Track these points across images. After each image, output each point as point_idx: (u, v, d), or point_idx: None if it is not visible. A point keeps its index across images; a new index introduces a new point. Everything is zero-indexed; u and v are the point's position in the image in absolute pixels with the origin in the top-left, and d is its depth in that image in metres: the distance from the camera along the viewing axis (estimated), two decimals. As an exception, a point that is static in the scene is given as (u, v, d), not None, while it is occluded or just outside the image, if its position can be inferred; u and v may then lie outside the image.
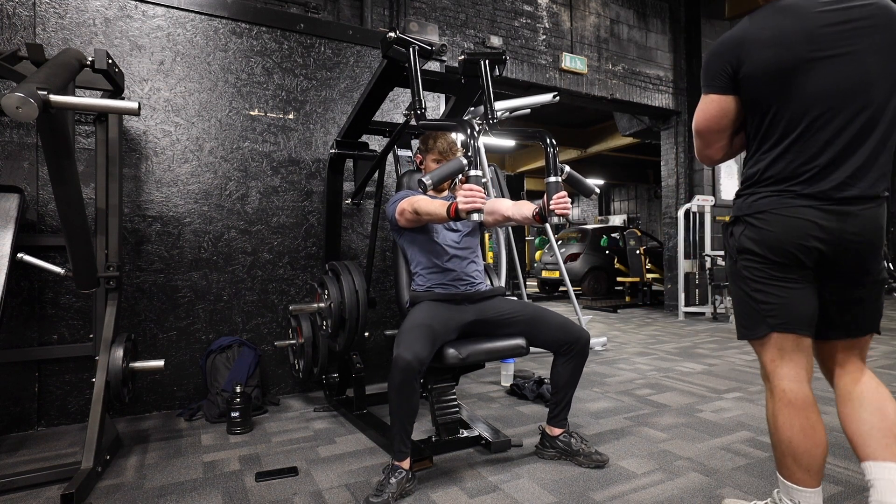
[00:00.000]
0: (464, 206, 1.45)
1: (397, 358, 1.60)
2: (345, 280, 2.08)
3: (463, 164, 1.44)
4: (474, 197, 1.43)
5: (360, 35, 3.14)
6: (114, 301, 2.14)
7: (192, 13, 2.69)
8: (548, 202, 1.57)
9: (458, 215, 1.53)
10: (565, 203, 1.54)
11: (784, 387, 1.25)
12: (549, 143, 1.58)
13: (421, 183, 1.45)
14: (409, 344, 1.63)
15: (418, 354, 1.60)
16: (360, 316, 2.05)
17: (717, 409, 2.51)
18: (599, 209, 17.58)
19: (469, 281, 1.99)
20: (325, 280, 2.17)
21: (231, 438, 2.21)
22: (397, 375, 1.59)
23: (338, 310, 2.06)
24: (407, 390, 1.60)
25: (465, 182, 1.45)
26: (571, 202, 1.60)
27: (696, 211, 6.13)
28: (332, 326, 2.12)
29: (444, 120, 1.66)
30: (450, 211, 1.57)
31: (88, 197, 2.35)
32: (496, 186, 3.73)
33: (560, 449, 1.91)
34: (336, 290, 2.09)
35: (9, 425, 2.28)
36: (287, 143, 2.93)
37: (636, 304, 7.59)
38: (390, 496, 1.57)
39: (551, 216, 1.57)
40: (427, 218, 1.75)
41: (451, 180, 1.63)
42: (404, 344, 1.63)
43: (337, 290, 2.09)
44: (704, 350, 4.05)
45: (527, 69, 5.13)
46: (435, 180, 1.42)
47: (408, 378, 1.59)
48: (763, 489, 1.65)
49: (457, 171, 1.46)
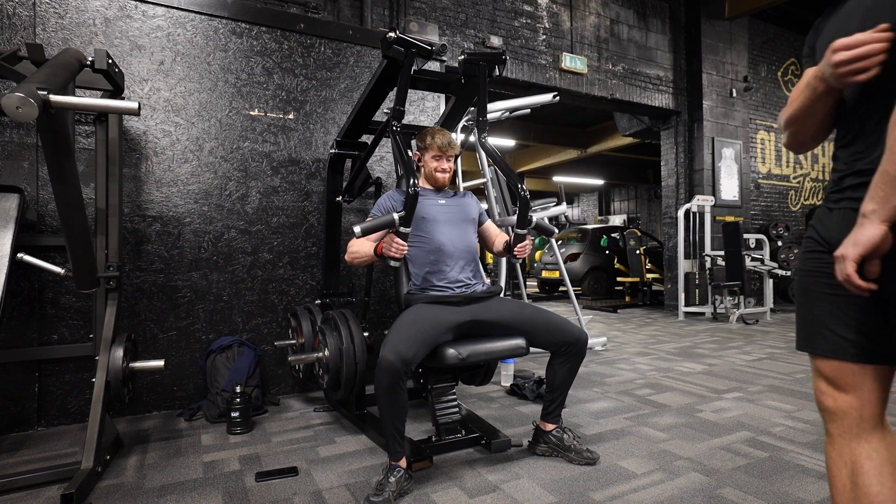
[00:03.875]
0: (386, 252, 1.74)
1: (381, 359, 1.61)
2: (344, 333, 2.06)
3: (394, 221, 1.69)
4: (397, 249, 1.71)
5: (360, 35, 3.14)
6: (114, 301, 2.14)
7: (192, 13, 2.69)
8: (513, 245, 1.93)
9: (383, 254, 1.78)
10: (524, 251, 1.93)
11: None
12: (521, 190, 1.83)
13: (353, 230, 1.68)
14: (393, 345, 1.63)
15: (402, 355, 1.60)
16: (357, 373, 2.04)
17: (717, 409, 2.51)
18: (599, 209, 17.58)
19: (465, 282, 1.99)
20: (324, 329, 2.16)
21: (231, 438, 2.21)
22: (381, 376, 1.61)
23: (335, 368, 2.07)
24: (393, 391, 1.61)
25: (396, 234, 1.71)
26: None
27: (696, 211, 6.13)
28: (328, 383, 2.15)
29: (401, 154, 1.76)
30: (377, 250, 1.80)
31: (88, 197, 2.35)
32: (496, 187, 3.73)
33: (552, 444, 1.91)
34: (334, 345, 2.07)
35: (9, 425, 2.28)
36: (287, 143, 2.93)
37: (636, 304, 7.59)
38: (390, 495, 1.58)
39: (513, 257, 1.95)
40: (357, 258, 1.91)
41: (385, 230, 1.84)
42: (389, 345, 1.64)
43: (335, 345, 2.07)
44: (704, 350, 4.05)
45: (527, 69, 5.13)
46: (364, 231, 1.67)
47: (392, 378, 1.60)
48: (763, 489, 1.65)
49: (387, 226, 1.71)
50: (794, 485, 1.68)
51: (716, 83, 6.45)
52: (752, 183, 7.12)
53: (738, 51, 6.68)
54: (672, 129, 6.62)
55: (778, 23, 7.39)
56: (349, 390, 2.09)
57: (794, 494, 1.61)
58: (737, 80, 6.65)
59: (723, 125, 6.52)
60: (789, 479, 1.72)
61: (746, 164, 6.74)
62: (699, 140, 6.38)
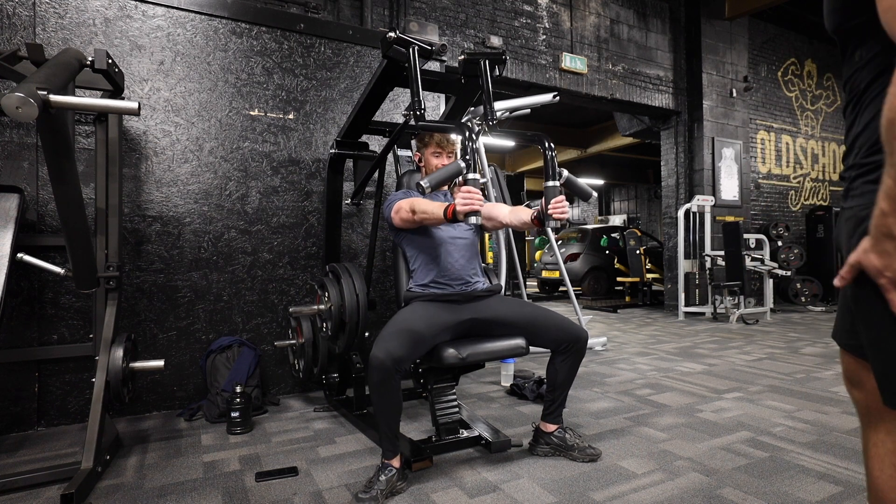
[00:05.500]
0: (461, 208, 1.46)
1: (371, 357, 1.61)
2: (345, 282, 2.08)
3: (461, 168, 1.44)
4: (472, 200, 1.44)
5: (360, 35, 3.14)
6: (114, 301, 2.14)
7: (192, 13, 2.69)
8: (546, 206, 1.58)
9: (455, 217, 1.54)
10: (563, 207, 1.55)
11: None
12: (547, 146, 1.57)
13: (419, 186, 1.45)
14: (384, 343, 1.63)
15: (392, 353, 1.60)
16: (360, 319, 2.05)
17: (717, 409, 2.51)
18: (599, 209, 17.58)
19: (466, 280, 1.99)
20: (326, 282, 2.17)
21: (231, 438, 2.21)
22: (373, 374, 1.60)
23: (338, 312, 2.06)
24: (384, 388, 1.61)
25: (464, 185, 1.46)
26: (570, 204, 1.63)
27: (696, 211, 6.13)
28: (332, 329, 2.12)
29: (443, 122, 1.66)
30: (447, 212, 1.57)
31: (88, 197, 2.35)
32: (496, 186, 3.72)
33: (554, 445, 1.91)
34: (336, 293, 2.08)
35: (9, 425, 2.28)
36: (287, 143, 2.93)
37: (636, 304, 7.59)
38: (378, 493, 1.57)
39: (549, 220, 1.58)
40: (423, 217, 1.73)
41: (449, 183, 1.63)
42: (380, 343, 1.64)
43: (337, 292, 2.09)
44: (704, 350, 4.05)
45: (527, 69, 5.13)
46: (433, 183, 1.43)
47: (383, 376, 1.59)
48: (763, 489, 1.65)
49: (455, 174, 1.46)
50: (794, 485, 1.68)
51: (716, 83, 6.45)
52: (752, 183, 7.12)
53: (738, 51, 6.68)
54: (672, 129, 6.62)
55: (778, 23, 7.39)
56: (351, 339, 2.08)
57: (794, 494, 1.61)
58: (737, 80, 6.65)
59: (723, 125, 6.52)
60: (789, 479, 1.72)
61: (746, 164, 6.74)
62: (699, 140, 6.39)
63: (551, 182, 1.56)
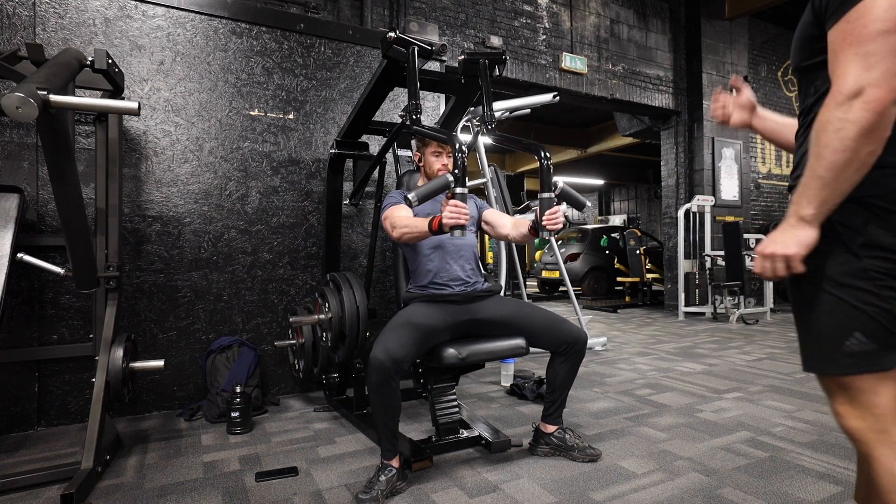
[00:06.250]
0: (448, 221, 1.45)
1: (371, 357, 1.61)
2: (345, 293, 2.06)
3: (449, 181, 1.44)
4: (459, 214, 1.44)
5: (360, 35, 3.14)
6: (114, 301, 2.14)
7: (192, 13, 2.69)
8: (540, 217, 1.59)
9: (440, 229, 1.53)
10: (556, 220, 1.57)
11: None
12: (543, 156, 1.57)
13: (406, 200, 1.46)
14: (383, 344, 1.63)
15: (392, 354, 1.60)
16: (360, 331, 2.04)
17: (717, 409, 2.51)
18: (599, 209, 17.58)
19: (465, 281, 1.99)
20: (326, 292, 2.15)
21: (231, 438, 2.21)
22: (372, 375, 1.60)
23: (338, 324, 2.06)
24: (383, 389, 1.61)
25: (452, 198, 1.46)
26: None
27: (696, 211, 6.13)
28: (332, 340, 2.13)
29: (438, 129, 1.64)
30: (432, 225, 1.56)
31: (88, 197, 2.35)
32: (496, 186, 3.73)
33: (554, 445, 1.91)
34: (336, 304, 2.07)
35: (9, 425, 2.28)
36: (287, 143, 2.93)
37: (636, 304, 7.59)
38: (379, 493, 1.58)
39: (544, 231, 1.60)
40: (404, 233, 1.72)
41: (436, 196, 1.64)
42: (380, 343, 1.64)
43: (337, 303, 2.07)
44: (704, 350, 4.05)
45: (527, 69, 5.13)
46: (420, 197, 1.43)
47: (382, 377, 1.59)
48: (763, 489, 1.65)
49: (442, 188, 1.46)
50: (794, 485, 1.68)
51: (716, 83, 6.45)
52: (752, 183, 7.12)
53: (738, 51, 6.68)
54: (672, 129, 6.62)
55: (778, 23, 7.39)
56: (351, 350, 2.07)
57: (794, 494, 1.61)
58: (737, 80, 6.65)
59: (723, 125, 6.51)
60: (789, 479, 1.72)
61: (746, 163, 6.74)
62: (699, 140, 6.39)
63: (546, 193, 1.58)
